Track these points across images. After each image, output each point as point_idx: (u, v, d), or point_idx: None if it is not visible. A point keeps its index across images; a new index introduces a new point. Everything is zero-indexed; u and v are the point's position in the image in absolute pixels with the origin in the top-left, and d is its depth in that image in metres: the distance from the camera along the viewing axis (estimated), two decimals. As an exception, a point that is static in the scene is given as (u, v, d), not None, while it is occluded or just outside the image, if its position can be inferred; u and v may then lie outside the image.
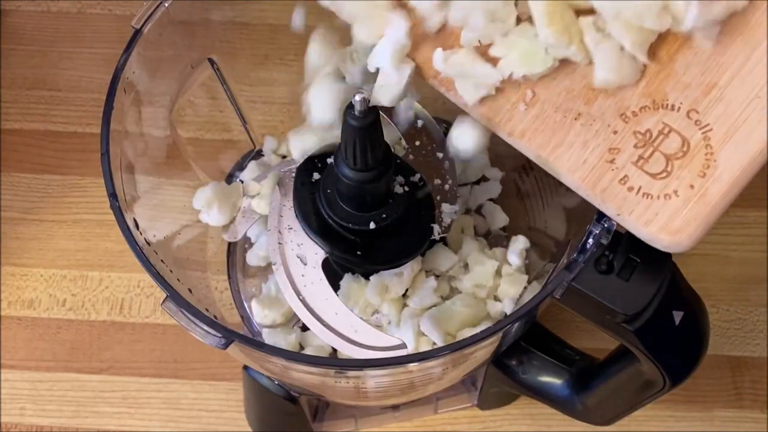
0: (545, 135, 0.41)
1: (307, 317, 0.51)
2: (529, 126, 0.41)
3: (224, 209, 0.56)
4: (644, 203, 0.39)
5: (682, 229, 0.39)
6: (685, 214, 0.39)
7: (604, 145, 0.40)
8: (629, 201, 0.39)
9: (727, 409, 0.66)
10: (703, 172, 0.39)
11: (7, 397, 0.67)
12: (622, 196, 0.39)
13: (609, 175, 0.40)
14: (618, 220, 0.40)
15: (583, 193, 0.40)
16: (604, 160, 0.40)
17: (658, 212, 0.39)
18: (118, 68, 0.49)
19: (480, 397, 0.64)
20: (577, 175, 0.40)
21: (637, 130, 0.40)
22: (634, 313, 0.43)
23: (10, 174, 0.74)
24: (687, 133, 0.39)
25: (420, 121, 0.59)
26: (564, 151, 0.40)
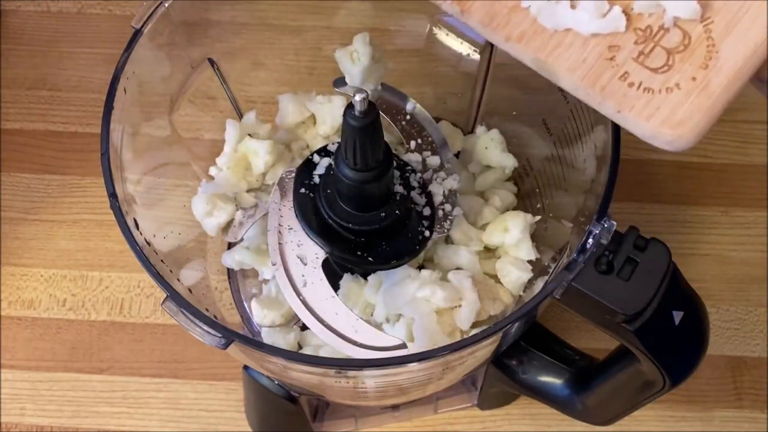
0: (543, 37, 0.40)
1: (307, 317, 0.51)
2: (527, 29, 0.40)
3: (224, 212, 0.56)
4: (645, 98, 0.39)
5: (684, 121, 0.38)
6: (688, 106, 0.38)
7: (604, 44, 0.39)
8: (630, 97, 0.39)
9: (727, 409, 0.66)
10: (705, 64, 0.38)
11: (7, 397, 0.67)
12: (623, 92, 0.39)
13: (609, 72, 0.39)
14: (618, 119, 0.39)
15: (582, 94, 0.40)
16: (603, 58, 0.39)
17: (659, 106, 0.38)
18: (118, 68, 0.49)
19: (480, 397, 0.64)
20: (576, 75, 0.39)
21: (638, 26, 0.39)
22: (634, 313, 0.43)
23: (10, 174, 0.74)
24: (688, 27, 0.39)
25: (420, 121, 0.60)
26: (563, 52, 0.40)
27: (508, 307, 0.55)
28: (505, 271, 0.55)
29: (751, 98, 0.76)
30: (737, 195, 0.73)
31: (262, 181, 0.58)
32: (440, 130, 0.60)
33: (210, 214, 0.56)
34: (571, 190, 0.55)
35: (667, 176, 0.74)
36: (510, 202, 0.59)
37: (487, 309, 0.54)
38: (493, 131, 0.60)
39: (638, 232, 0.44)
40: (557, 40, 0.40)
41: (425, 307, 0.51)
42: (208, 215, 0.56)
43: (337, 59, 0.57)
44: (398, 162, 0.53)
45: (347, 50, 0.57)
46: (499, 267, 0.55)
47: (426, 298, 0.51)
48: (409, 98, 0.60)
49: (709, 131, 0.80)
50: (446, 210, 0.55)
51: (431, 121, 0.60)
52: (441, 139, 0.59)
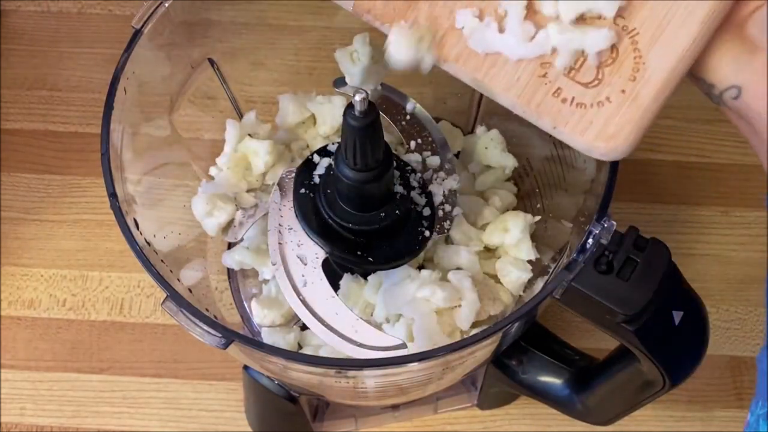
0: (478, 58, 0.41)
1: (307, 317, 0.51)
2: (462, 50, 0.41)
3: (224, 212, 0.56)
4: (578, 113, 0.39)
5: (616, 134, 0.39)
6: (619, 119, 0.39)
7: (536, 60, 0.40)
8: (564, 113, 0.40)
9: (727, 409, 0.66)
10: (634, 76, 0.39)
11: (7, 397, 0.67)
12: (557, 108, 0.40)
13: (542, 89, 0.40)
14: (555, 134, 0.40)
15: (519, 111, 0.41)
16: (536, 75, 0.40)
17: (592, 120, 0.39)
18: (118, 68, 0.49)
19: (480, 397, 0.64)
20: (512, 93, 0.40)
21: None
22: (634, 313, 0.43)
23: (10, 174, 0.74)
24: (615, 39, 0.40)
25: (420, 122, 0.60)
26: (498, 71, 0.41)
27: (508, 307, 0.55)
28: (505, 271, 0.55)
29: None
30: (737, 195, 0.73)
31: (262, 181, 0.58)
32: (440, 130, 0.60)
33: (210, 214, 0.56)
34: (571, 190, 0.55)
35: (667, 176, 0.74)
36: (510, 202, 0.59)
37: (487, 309, 0.54)
38: (493, 131, 0.60)
39: (638, 232, 0.44)
40: (491, 60, 0.41)
41: (425, 307, 0.51)
42: (208, 215, 0.56)
43: (337, 59, 0.57)
44: (398, 162, 0.53)
45: (347, 50, 0.57)
46: (499, 267, 0.55)
47: (426, 298, 0.51)
48: (409, 98, 0.60)
49: (709, 131, 0.80)
50: (446, 210, 0.55)
51: (431, 121, 0.60)
52: (441, 139, 0.59)
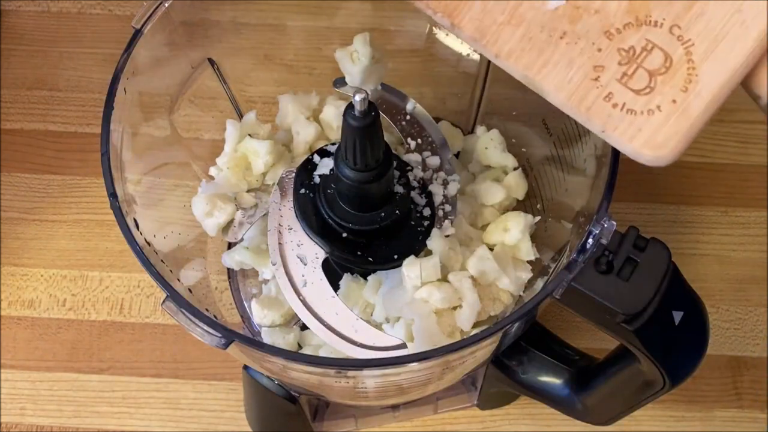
0: (531, 55, 0.41)
1: (307, 317, 0.51)
2: (515, 46, 0.41)
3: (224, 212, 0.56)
4: (628, 119, 0.40)
5: (664, 144, 0.39)
6: (668, 129, 0.39)
7: (589, 63, 0.40)
8: (614, 118, 0.40)
9: (727, 409, 0.66)
10: (686, 87, 0.39)
11: (7, 397, 0.67)
12: (607, 113, 0.40)
13: (594, 92, 0.40)
14: (603, 137, 0.41)
15: (569, 111, 0.41)
16: (589, 78, 0.40)
17: (641, 128, 0.40)
18: (118, 68, 0.49)
19: (480, 397, 0.64)
20: (562, 94, 0.40)
21: (621, 47, 0.40)
22: (634, 313, 0.43)
23: (10, 174, 0.74)
24: (669, 48, 0.40)
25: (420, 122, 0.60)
26: (550, 71, 0.41)
27: (508, 307, 0.55)
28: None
29: (751, 99, 0.76)
30: (737, 195, 0.73)
31: (262, 181, 0.58)
32: (440, 130, 0.60)
33: (210, 214, 0.56)
34: (571, 190, 0.55)
35: (667, 176, 0.74)
36: (510, 203, 0.59)
37: (487, 309, 0.54)
38: (493, 131, 0.60)
39: (638, 232, 0.44)
40: (545, 59, 0.41)
41: (424, 308, 0.51)
42: (208, 215, 0.56)
43: (338, 59, 0.57)
44: (398, 162, 0.53)
45: (347, 50, 0.57)
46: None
47: (424, 299, 0.51)
48: (409, 98, 0.60)
49: (709, 131, 0.80)
50: (446, 210, 0.55)
51: (431, 121, 0.60)
52: (441, 139, 0.59)
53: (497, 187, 0.58)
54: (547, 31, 0.41)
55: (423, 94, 0.62)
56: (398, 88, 0.60)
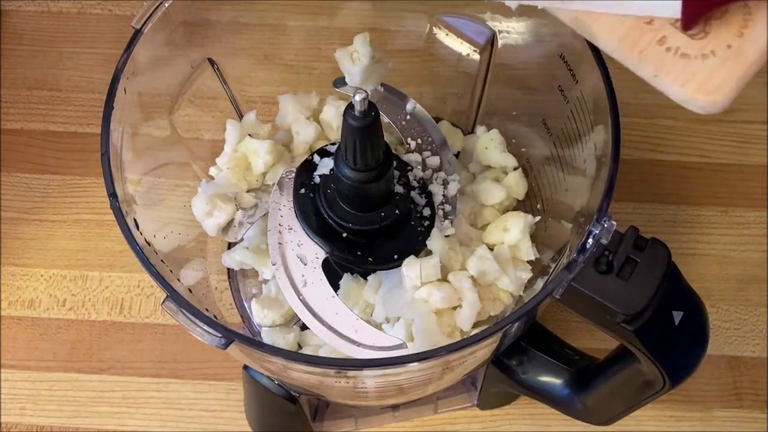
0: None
1: (307, 317, 0.51)
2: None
3: (224, 212, 0.56)
4: (681, 63, 0.39)
5: (718, 88, 0.38)
6: (722, 73, 0.38)
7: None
8: (667, 62, 0.39)
9: (727, 409, 0.66)
10: (741, 32, 0.39)
11: (7, 397, 0.67)
12: (660, 57, 0.39)
13: (647, 36, 0.39)
14: (654, 82, 0.40)
15: (620, 56, 0.40)
16: (642, 21, 0.39)
17: (695, 72, 0.39)
18: (118, 68, 0.49)
19: (480, 396, 0.64)
20: (615, 36, 0.40)
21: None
22: (634, 313, 0.43)
23: (10, 174, 0.74)
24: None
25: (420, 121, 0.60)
26: (602, 13, 0.40)
27: (508, 307, 0.55)
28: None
29: (751, 98, 0.76)
30: (737, 195, 0.73)
31: (262, 181, 0.58)
32: (440, 130, 0.60)
33: (210, 214, 0.56)
34: (571, 190, 0.55)
35: (667, 176, 0.74)
36: (510, 203, 0.59)
37: (487, 309, 0.54)
38: (493, 131, 0.60)
39: (638, 232, 0.44)
40: (596, 2, 0.40)
41: (424, 308, 0.51)
42: (208, 215, 0.56)
43: (338, 59, 0.57)
44: (398, 162, 0.53)
45: (347, 50, 0.57)
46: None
47: (424, 299, 0.51)
48: (409, 98, 0.60)
49: (709, 131, 0.80)
50: (446, 210, 0.55)
51: (431, 121, 0.60)
52: (441, 139, 0.59)
53: (497, 187, 0.58)
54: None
55: (423, 94, 0.62)
56: (398, 88, 0.60)
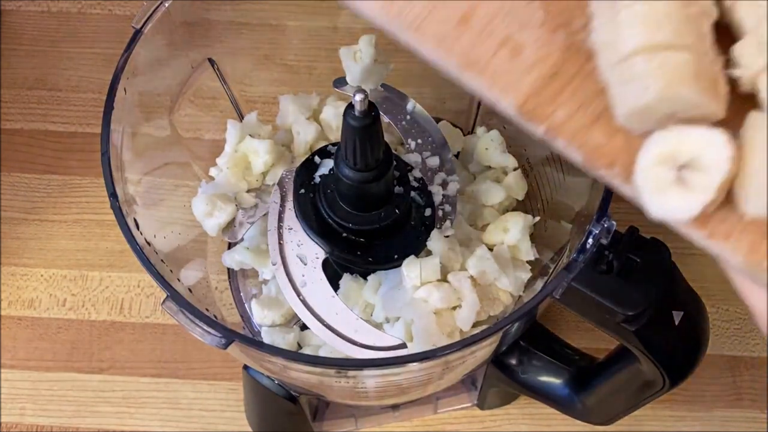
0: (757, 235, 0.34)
1: (307, 317, 0.51)
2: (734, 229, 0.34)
3: (224, 212, 0.56)
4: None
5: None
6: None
7: None
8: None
9: (726, 409, 0.66)
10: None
11: (7, 397, 0.67)
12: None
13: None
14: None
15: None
16: None
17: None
18: (118, 68, 0.49)
19: (480, 396, 0.64)
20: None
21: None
22: (634, 313, 0.43)
23: (10, 174, 0.74)
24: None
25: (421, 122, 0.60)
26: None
27: (508, 307, 0.55)
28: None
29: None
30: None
31: (262, 181, 0.59)
32: (440, 130, 0.60)
33: (210, 215, 0.56)
34: (571, 190, 0.55)
35: (667, 176, 0.74)
36: (510, 203, 0.59)
37: (486, 309, 0.54)
38: (493, 132, 0.60)
39: (638, 232, 0.44)
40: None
41: (424, 308, 0.51)
42: (208, 215, 0.56)
43: (341, 56, 0.57)
44: (398, 162, 0.53)
45: (351, 49, 0.57)
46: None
47: (423, 299, 0.51)
48: (409, 98, 0.60)
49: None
50: (446, 210, 0.55)
51: (431, 121, 0.60)
52: (441, 139, 0.59)
53: (497, 188, 0.58)
54: None
55: (423, 94, 0.62)
56: (398, 88, 0.60)
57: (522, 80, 0.34)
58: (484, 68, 0.34)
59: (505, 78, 0.34)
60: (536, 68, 0.34)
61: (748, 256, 0.34)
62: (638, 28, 0.32)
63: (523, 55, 0.34)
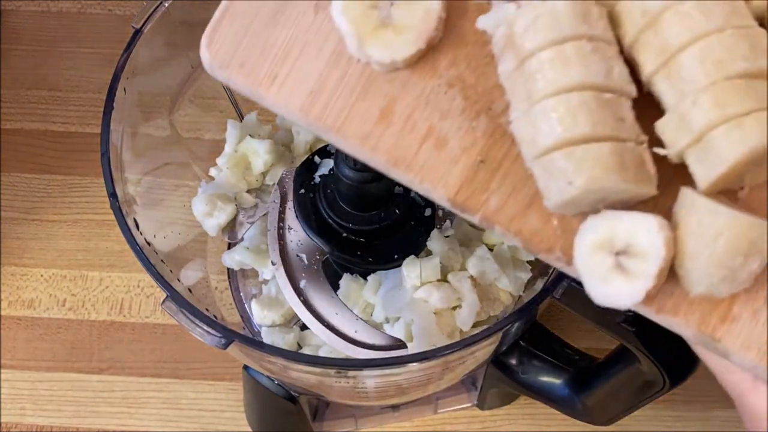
0: (708, 313, 0.34)
1: (307, 317, 0.51)
2: (683, 300, 0.34)
3: (224, 212, 0.56)
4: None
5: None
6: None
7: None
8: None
9: (727, 409, 0.66)
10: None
11: (7, 397, 0.67)
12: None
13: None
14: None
15: (761, 373, 0.34)
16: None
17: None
18: (118, 68, 0.49)
19: (480, 396, 0.64)
20: (752, 353, 0.34)
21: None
22: (635, 312, 0.43)
23: (10, 174, 0.74)
24: None
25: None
26: (733, 327, 0.34)
27: (508, 307, 0.55)
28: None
29: None
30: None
31: (262, 181, 0.59)
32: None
33: (210, 215, 0.56)
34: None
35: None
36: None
37: (486, 309, 0.54)
38: None
39: (638, 232, 0.44)
40: (723, 312, 0.34)
41: (424, 308, 0.51)
42: (208, 215, 0.56)
43: None
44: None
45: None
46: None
47: (424, 299, 0.51)
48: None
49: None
50: (446, 210, 0.55)
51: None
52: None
53: None
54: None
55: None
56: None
57: (450, 171, 0.33)
58: (411, 163, 0.34)
59: (433, 171, 0.34)
60: (463, 157, 0.33)
61: (699, 329, 0.34)
62: (554, 122, 0.31)
63: (448, 146, 0.34)
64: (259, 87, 0.34)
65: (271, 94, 0.34)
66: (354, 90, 0.34)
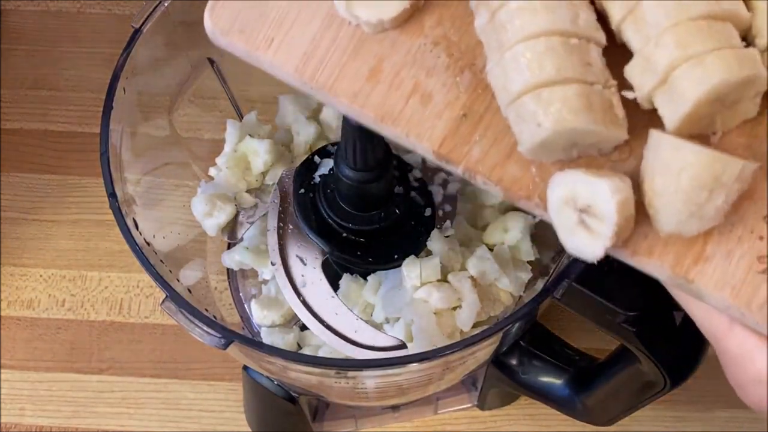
0: (681, 247, 0.34)
1: (307, 317, 0.51)
2: (656, 242, 0.35)
3: (223, 212, 0.56)
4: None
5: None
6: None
7: (751, 254, 0.34)
8: None
9: (727, 409, 0.66)
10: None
11: (7, 397, 0.67)
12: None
13: (764, 286, 0.34)
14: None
15: (735, 312, 0.34)
16: (754, 271, 0.34)
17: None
18: (118, 68, 0.49)
19: (480, 397, 0.64)
20: (726, 292, 0.34)
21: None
22: (634, 313, 0.43)
23: (10, 174, 0.74)
24: None
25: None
26: (706, 267, 0.34)
27: (508, 307, 0.55)
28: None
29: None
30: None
31: (262, 181, 0.58)
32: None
33: (210, 215, 0.56)
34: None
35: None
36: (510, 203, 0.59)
37: (486, 309, 0.54)
38: None
39: (638, 232, 0.44)
40: (696, 253, 0.34)
41: (424, 308, 0.51)
42: (207, 215, 0.56)
43: None
44: (398, 162, 0.53)
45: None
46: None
47: (424, 300, 0.51)
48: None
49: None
50: (446, 210, 0.55)
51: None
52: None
53: None
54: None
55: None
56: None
57: (435, 125, 0.35)
58: (398, 118, 0.35)
59: (419, 125, 0.35)
60: (446, 112, 0.35)
61: (673, 270, 0.35)
62: (522, 67, 0.32)
63: (433, 101, 0.35)
64: (257, 50, 0.36)
65: (268, 57, 0.36)
66: (345, 51, 0.36)
